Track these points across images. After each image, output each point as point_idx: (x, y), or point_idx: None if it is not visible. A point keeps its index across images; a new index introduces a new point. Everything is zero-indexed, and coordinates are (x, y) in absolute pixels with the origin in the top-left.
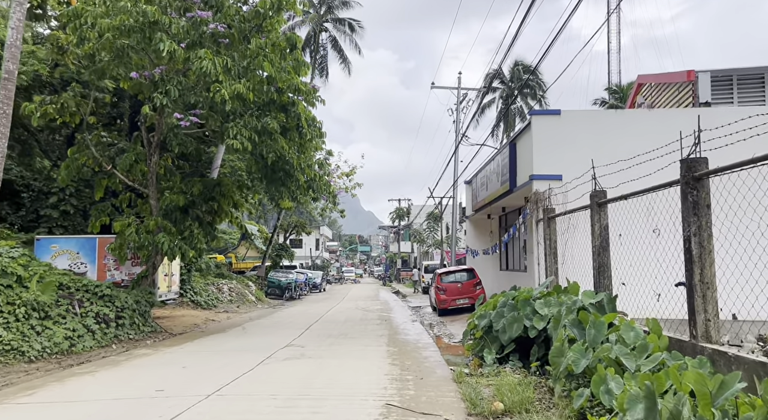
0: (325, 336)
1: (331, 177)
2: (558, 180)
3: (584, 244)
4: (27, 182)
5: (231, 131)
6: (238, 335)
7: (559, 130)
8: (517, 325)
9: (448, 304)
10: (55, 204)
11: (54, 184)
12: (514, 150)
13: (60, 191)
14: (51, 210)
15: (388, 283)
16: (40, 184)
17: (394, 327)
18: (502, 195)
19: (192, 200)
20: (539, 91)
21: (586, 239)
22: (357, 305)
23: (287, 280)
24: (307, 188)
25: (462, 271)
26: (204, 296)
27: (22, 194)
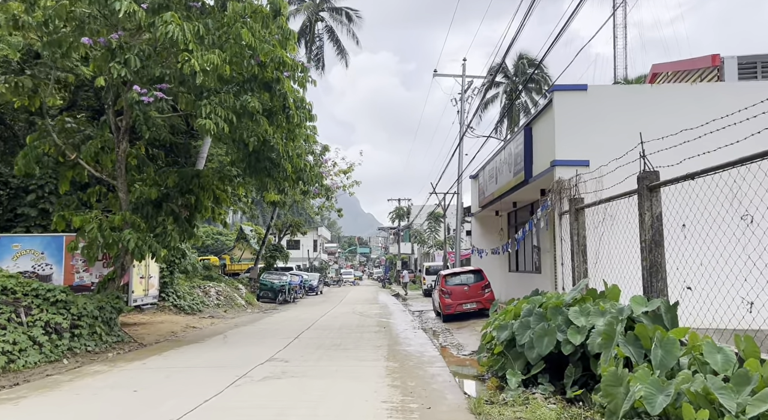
0: (315, 347)
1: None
2: (584, 166)
3: (626, 239)
4: (5, 179)
5: (203, 110)
6: (217, 346)
7: (585, 109)
8: (548, 339)
9: (454, 308)
10: (33, 202)
11: (32, 182)
12: (529, 135)
13: (38, 188)
14: (29, 208)
15: (388, 285)
16: (18, 181)
17: (394, 335)
18: (515, 187)
19: (166, 193)
20: (545, 86)
21: (628, 233)
22: (354, 309)
23: (280, 282)
24: (296, 179)
25: (469, 273)
26: (188, 300)
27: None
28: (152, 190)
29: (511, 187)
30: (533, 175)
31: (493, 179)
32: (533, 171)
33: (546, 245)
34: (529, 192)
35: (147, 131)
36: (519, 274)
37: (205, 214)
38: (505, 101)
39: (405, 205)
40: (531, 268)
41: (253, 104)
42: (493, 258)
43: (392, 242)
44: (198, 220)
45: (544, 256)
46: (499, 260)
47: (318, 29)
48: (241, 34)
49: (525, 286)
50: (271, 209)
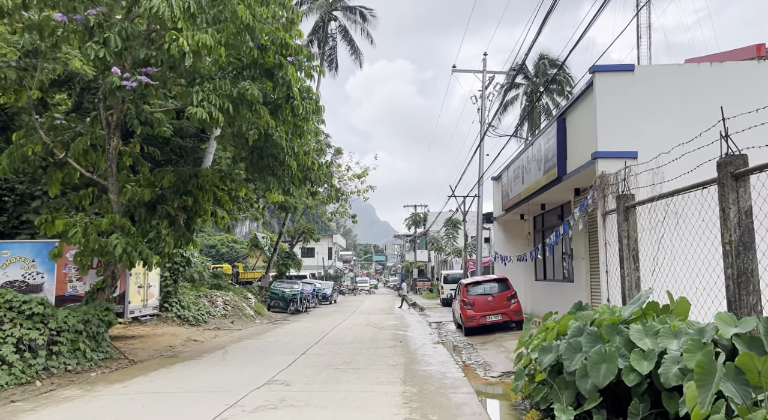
0: (323, 366)
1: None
2: (632, 157)
3: (696, 242)
4: (11, 185)
5: (195, 97)
6: (213, 364)
7: (632, 92)
8: (606, 366)
9: (477, 321)
10: (38, 208)
11: (37, 187)
12: (562, 128)
13: (44, 194)
14: (34, 215)
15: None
16: (24, 187)
17: (411, 351)
18: (545, 187)
19: (161, 194)
20: (567, 87)
21: (699, 234)
22: (369, 320)
23: (292, 291)
24: (303, 179)
25: (493, 282)
26: (193, 311)
27: (5, 198)
28: (145, 191)
29: (540, 187)
30: (567, 171)
31: (518, 179)
32: (567, 167)
33: (580, 251)
34: (560, 192)
35: (139, 126)
36: (547, 283)
37: (205, 217)
38: (526, 103)
39: (421, 211)
40: (561, 277)
41: (251, 91)
42: (517, 265)
43: (408, 250)
44: (197, 224)
45: (577, 263)
46: (524, 268)
47: (331, 29)
48: (238, 12)
49: (554, 296)
50: (283, 215)
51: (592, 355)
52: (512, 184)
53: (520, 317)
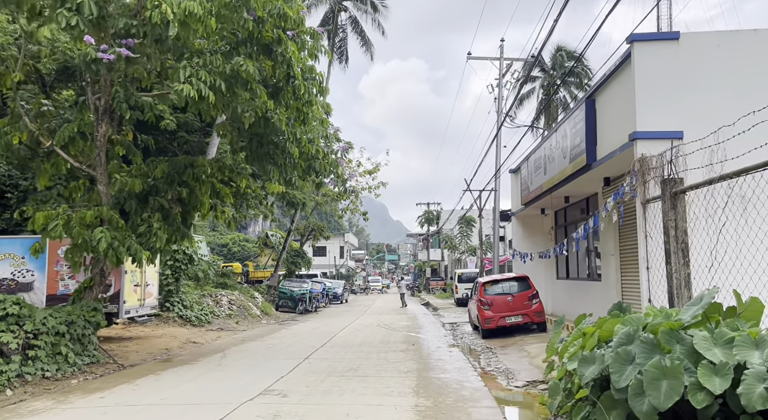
0: (326, 372)
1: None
2: (677, 138)
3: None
4: (15, 181)
5: (182, 72)
6: (208, 369)
7: (677, 64)
8: (668, 384)
9: (495, 322)
10: None
11: None
12: (592, 109)
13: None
14: None
15: (417, 293)
16: (27, 183)
17: (424, 356)
18: (572, 176)
19: (154, 185)
20: (585, 79)
21: None
22: (380, 321)
23: (301, 290)
24: (307, 168)
25: (512, 280)
26: (196, 310)
27: (8, 194)
28: (136, 182)
29: (565, 177)
30: (597, 158)
31: (540, 170)
32: (597, 153)
33: (608, 247)
34: (587, 182)
35: (127, 110)
36: (570, 282)
37: (202, 211)
38: (542, 96)
39: (434, 209)
40: (586, 275)
41: (246, 68)
42: (537, 263)
43: (421, 249)
44: (195, 218)
45: (605, 260)
46: (545, 266)
47: (341, 20)
48: None
49: (578, 296)
50: (292, 212)
51: (650, 369)
52: (533, 175)
53: (542, 318)
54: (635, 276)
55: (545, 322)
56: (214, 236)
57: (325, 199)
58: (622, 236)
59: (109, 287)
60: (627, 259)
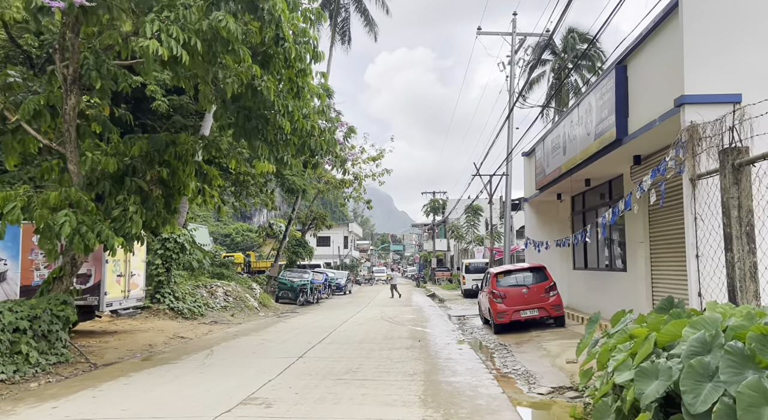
0: (321, 375)
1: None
2: (734, 102)
3: None
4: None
5: (149, 27)
6: (188, 370)
7: (735, 15)
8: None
9: (509, 316)
10: None
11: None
12: (623, 78)
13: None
14: None
15: (422, 284)
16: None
17: (432, 354)
18: (597, 154)
19: (131, 165)
20: (598, 63)
21: None
22: (384, 313)
23: (301, 281)
24: (301, 145)
25: (527, 271)
26: (188, 302)
27: None
28: (110, 161)
29: (588, 156)
30: (629, 131)
31: (558, 150)
32: (629, 126)
33: (636, 234)
34: (613, 162)
35: (98, 79)
36: (589, 272)
37: (185, 192)
38: (553, 80)
39: (440, 198)
40: (608, 265)
41: (227, 25)
42: (552, 253)
43: (426, 239)
44: (179, 202)
45: (632, 248)
46: (560, 256)
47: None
48: None
49: (598, 288)
50: (293, 200)
51: (746, 392)
52: (549, 157)
53: (560, 312)
54: (670, 266)
55: (563, 316)
56: (217, 226)
57: (327, 187)
58: (653, 221)
59: (88, 278)
60: (660, 246)
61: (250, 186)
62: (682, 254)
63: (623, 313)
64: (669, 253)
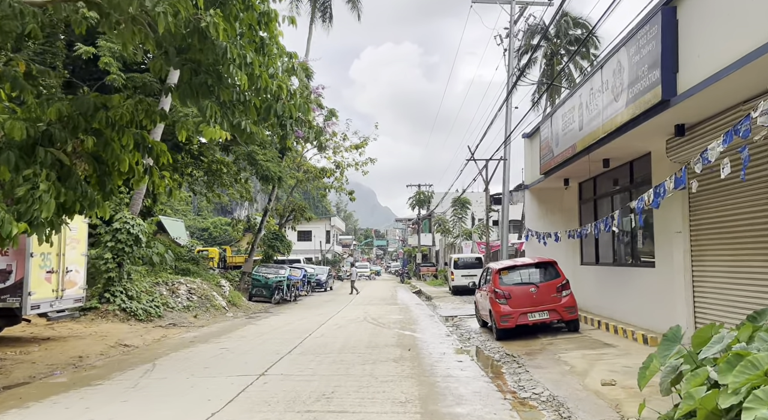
0: (283, 404)
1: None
2: None
3: None
4: None
5: None
6: (110, 397)
7: None
8: None
9: (515, 320)
10: None
11: None
12: (671, 21)
13: None
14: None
15: (407, 280)
16: None
17: (426, 370)
18: (630, 123)
19: (47, 132)
20: (592, 48)
21: None
22: (367, 313)
23: (277, 277)
24: (266, 110)
25: (535, 266)
26: (144, 302)
27: None
28: (16, 125)
29: (616, 127)
30: (679, 91)
31: (572, 125)
32: (678, 84)
33: (672, 222)
34: (645, 134)
35: None
36: (601, 268)
37: (122, 169)
38: (545, 66)
39: (426, 190)
40: (627, 260)
41: None
42: (556, 247)
43: (411, 233)
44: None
45: (665, 239)
46: (565, 250)
47: None
48: None
49: (614, 287)
50: (270, 189)
51: None
52: (559, 135)
53: (574, 315)
54: (721, 260)
55: (578, 319)
56: (195, 220)
57: (307, 176)
58: (695, 207)
59: (8, 275)
60: (706, 236)
61: (223, 175)
62: (748, 245)
63: (711, 329)
64: (721, 245)
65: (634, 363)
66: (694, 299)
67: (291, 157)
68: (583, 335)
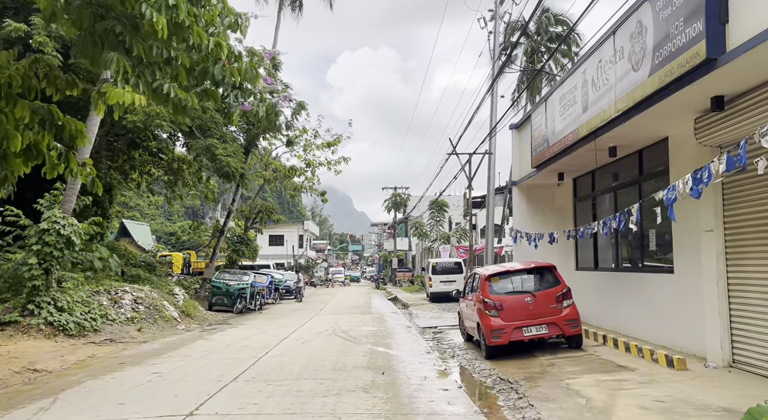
0: None
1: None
2: None
3: None
4: None
5: None
6: None
7: None
8: None
9: (508, 335)
10: None
11: None
12: None
13: None
14: None
15: (382, 285)
16: None
17: (403, 403)
18: (658, 94)
19: None
20: (574, 46)
21: None
22: (336, 325)
23: (239, 284)
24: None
25: (530, 272)
26: (78, 314)
27: None
28: None
29: (635, 103)
30: (728, 48)
31: (573, 107)
32: (729, 38)
33: (701, 220)
34: (669, 112)
35: None
36: (603, 274)
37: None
38: (525, 63)
39: (402, 193)
40: (636, 264)
41: None
42: (546, 250)
43: (387, 238)
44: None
45: (690, 240)
46: (557, 253)
47: None
48: None
49: (618, 296)
50: (234, 187)
51: None
52: (556, 120)
53: (577, 329)
54: (766, 265)
55: (581, 334)
56: (162, 224)
57: (274, 175)
58: (731, 200)
59: None
60: (745, 236)
61: (185, 174)
62: None
63: None
64: (766, 246)
65: (667, 395)
66: (730, 311)
67: (258, 154)
68: (589, 353)
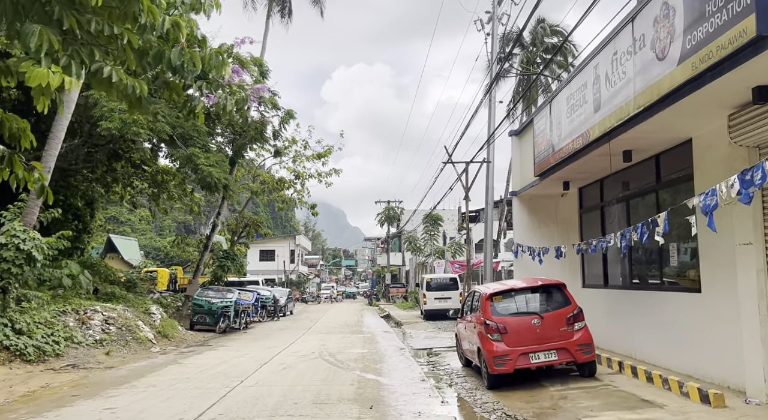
0: None
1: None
2: None
3: None
4: None
5: None
6: None
7: None
8: None
9: (513, 362)
10: None
11: None
12: None
13: None
14: None
15: (375, 302)
16: None
17: None
18: (690, 84)
19: None
20: (570, 57)
21: None
22: (324, 347)
23: (222, 302)
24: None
25: (537, 291)
26: (38, 337)
27: None
28: None
29: (659, 98)
30: None
31: (583, 107)
32: None
33: (740, 232)
34: (702, 107)
35: None
36: (614, 293)
37: None
38: (520, 75)
39: (396, 206)
40: (654, 282)
41: None
42: (550, 265)
43: (380, 253)
44: None
45: (718, 254)
46: (560, 269)
47: None
48: None
49: (634, 316)
50: (218, 199)
51: None
52: (563, 123)
53: (590, 356)
54: None
55: (595, 361)
56: (151, 239)
57: (262, 187)
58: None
59: None
60: None
61: (170, 186)
62: None
63: None
64: None
65: None
66: None
67: (245, 165)
68: (605, 384)
